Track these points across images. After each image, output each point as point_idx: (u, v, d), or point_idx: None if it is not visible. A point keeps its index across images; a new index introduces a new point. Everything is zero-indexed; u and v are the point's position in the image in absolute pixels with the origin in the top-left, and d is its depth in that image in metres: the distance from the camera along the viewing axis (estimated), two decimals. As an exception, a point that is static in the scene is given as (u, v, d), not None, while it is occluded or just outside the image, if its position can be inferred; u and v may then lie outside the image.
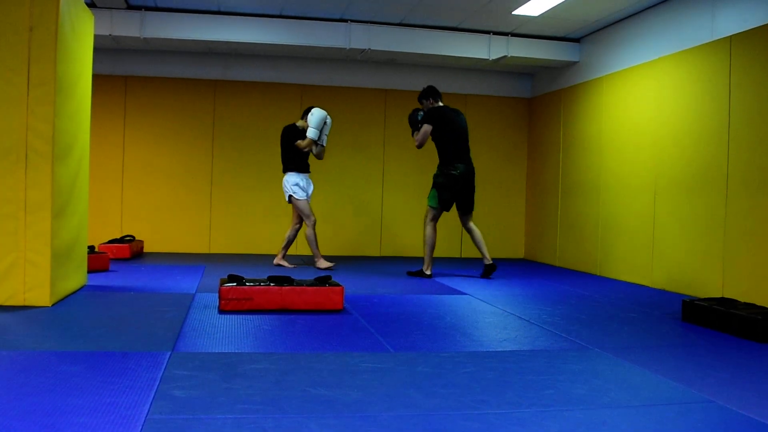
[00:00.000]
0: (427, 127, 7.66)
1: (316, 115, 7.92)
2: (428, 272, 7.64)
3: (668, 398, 3.22)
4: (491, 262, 7.72)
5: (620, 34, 8.21)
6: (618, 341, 4.50)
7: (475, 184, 7.83)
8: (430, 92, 7.89)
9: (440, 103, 7.85)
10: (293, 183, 8.03)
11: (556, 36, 9.10)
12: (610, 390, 3.31)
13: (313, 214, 8.23)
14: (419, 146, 7.79)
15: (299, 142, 7.95)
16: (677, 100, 7.09)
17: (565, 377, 3.52)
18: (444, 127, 7.64)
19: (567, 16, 8.17)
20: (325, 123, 8.01)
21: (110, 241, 8.61)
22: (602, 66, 8.58)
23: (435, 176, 7.74)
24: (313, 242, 8.12)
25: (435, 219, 7.77)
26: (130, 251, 8.43)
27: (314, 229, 8.12)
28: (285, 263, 8.25)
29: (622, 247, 7.95)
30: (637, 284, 7.56)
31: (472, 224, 7.84)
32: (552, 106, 9.76)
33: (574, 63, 9.23)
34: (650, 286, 7.39)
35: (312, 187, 8.30)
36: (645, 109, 7.63)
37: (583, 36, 9.04)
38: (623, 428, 2.77)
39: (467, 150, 7.74)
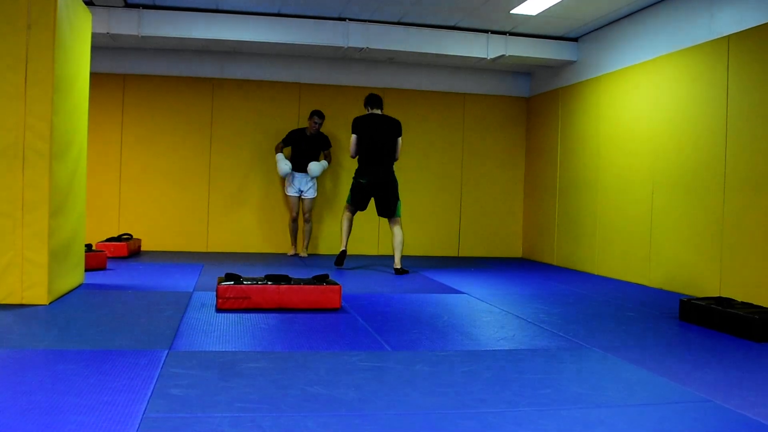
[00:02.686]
0: (353, 137, 7.96)
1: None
2: (343, 247, 8.05)
3: (665, 397, 3.22)
4: (399, 267, 7.80)
5: (618, 34, 8.22)
6: (615, 340, 4.50)
7: (396, 188, 8.02)
8: (366, 100, 8.17)
9: (372, 111, 8.09)
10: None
11: (554, 35, 9.11)
12: (608, 389, 3.32)
13: (293, 210, 9.29)
14: (352, 156, 8.05)
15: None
16: (675, 100, 7.09)
17: (562, 376, 3.52)
18: (360, 135, 7.92)
19: (565, 16, 8.17)
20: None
21: (108, 240, 8.60)
22: (600, 65, 8.58)
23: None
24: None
25: (350, 211, 8.14)
26: (127, 250, 8.42)
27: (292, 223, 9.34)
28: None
29: (620, 246, 7.95)
30: (635, 283, 7.57)
31: (394, 228, 7.96)
32: (550, 106, 9.77)
33: (572, 62, 9.23)
34: (648, 285, 7.39)
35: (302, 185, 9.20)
36: (643, 108, 7.63)
37: (581, 35, 9.04)
38: (621, 427, 2.77)
39: (380, 160, 7.87)
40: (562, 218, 9.34)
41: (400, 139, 8.00)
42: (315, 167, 9.12)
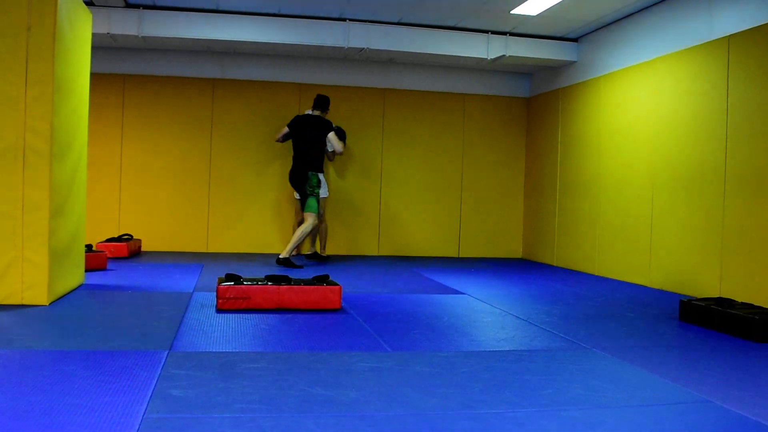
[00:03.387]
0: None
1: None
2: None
3: (666, 398, 3.22)
4: (281, 257, 8.03)
5: (618, 34, 8.22)
6: (615, 341, 4.50)
7: (299, 185, 8.35)
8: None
9: (311, 111, 8.60)
10: None
11: (554, 35, 9.11)
12: (608, 390, 3.31)
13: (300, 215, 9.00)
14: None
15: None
16: (675, 100, 7.10)
17: (562, 377, 3.52)
18: (290, 131, 8.55)
19: (565, 16, 8.17)
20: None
21: (108, 240, 8.61)
22: (600, 66, 8.59)
23: None
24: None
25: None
26: (127, 250, 8.43)
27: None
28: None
29: (620, 246, 7.96)
30: (635, 284, 7.57)
31: (304, 221, 8.38)
32: (550, 106, 9.77)
33: (573, 63, 9.23)
34: (648, 285, 7.39)
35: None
36: (643, 108, 7.63)
37: (581, 36, 9.04)
38: (621, 428, 2.77)
39: (298, 158, 8.39)
40: (562, 219, 9.34)
41: (330, 134, 8.30)
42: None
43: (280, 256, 7.99)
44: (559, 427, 2.74)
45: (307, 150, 8.29)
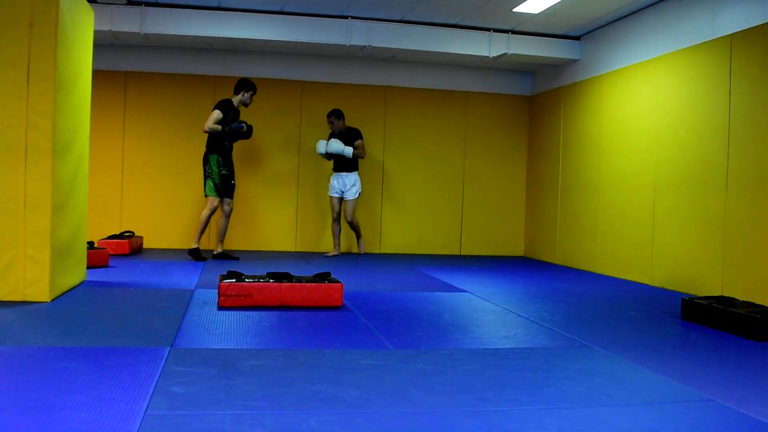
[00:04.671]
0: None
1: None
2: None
3: (667, 396, 3.22)
4: (221, 251, 8.39)
5: (621, 32, 8.21)
6: (617, 339, 4.50)
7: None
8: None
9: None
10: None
11: (556, 33, 9.10)
12: (610, 388, 3.31)
13: (333, 211, 9.26)
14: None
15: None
16: (677, 98, 7.09)
17: (564, 375, 3.52)
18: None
19: (568, 14, 8.17)
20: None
21: (110, 237, 8.61)
22: (603, 64, 8.58)
23: None
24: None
25: None
26: (129, 247, 8.44)
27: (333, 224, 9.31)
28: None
29: (622, 245, 7.95)
30: (637, 282, 7.56)
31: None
32: (552, 104, 9.76)
33: (575, 61, 9.23)
34: (650, 284, 7.39)
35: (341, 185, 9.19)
36: (645, 107, 7.63)
37: (583, 34, 9.04)
38: (622, 426, 2.77)
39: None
40: (564, 217, 9.34)
41: (213, 111, 8.20)
42: (333, 142, 8.96)
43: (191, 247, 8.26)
44: (560, 426, 2.73)
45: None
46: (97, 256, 7.04)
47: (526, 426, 2.71)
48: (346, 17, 8.75)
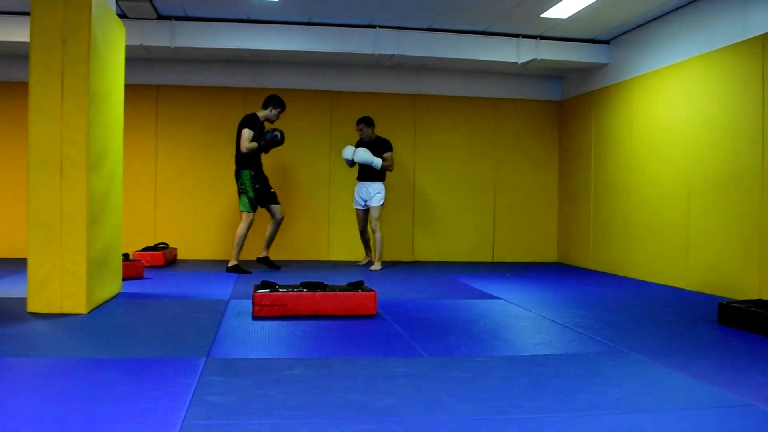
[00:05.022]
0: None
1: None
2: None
3: (705, 402, 3.18)
4: (228, 266, 8.23)
5: (650, 35, 8.15)
6: (653, 344, 4.46)
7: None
8: None
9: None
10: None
11: (585, 38, 9.06)
12: (646, 394, 3.28)
13: (359, 224, 9.08)
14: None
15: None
16: (709, 101, 7.02)
17: (600, 381, 3.49)
18: None
19: (596, 18, 8.13)
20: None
21: (144, 249, 8.70)
22: (632, 67, 8.52)
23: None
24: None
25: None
26: (164, 259, 8.51)
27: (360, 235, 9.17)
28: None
29: (656, 249, 7.88)
30: (672, 286, 7.49)
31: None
32: (582, 109, 9.71)
33: (604, 65, 9.17)
34: (685, 288, 7.31)
35: (364, 194, 8.93)
36: (676, 110, 7.56)
37: (612, 38, 8.99)
38: (660, 432, 2.75)
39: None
40: (597, 222, 9.28)
41: (243, 131, 8.16)
42: (361, 152, 8.70)
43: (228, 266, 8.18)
44: (597, 432, 2.72)
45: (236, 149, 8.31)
46: (132, 268, 7.11)
47: (563, 433, 2.70)
48: (374, 26, 8.78)
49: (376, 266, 8.75)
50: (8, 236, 9.19)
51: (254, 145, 8.13)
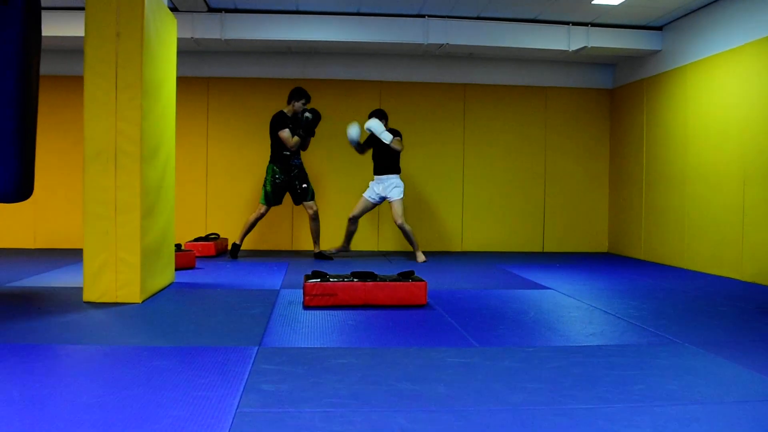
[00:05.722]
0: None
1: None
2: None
3: (763, 394, 3.13)
4: (318, 251, 8.60)
5: (704, 20, 8.00)
6: (708, 336, 4.39)
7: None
8: None
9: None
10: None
11: (637, 25, 8.92)
12: (702, 386, 3.23)
13: (356, 210, 8.79)
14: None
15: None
16: (766, 87, 6.86)
17: (654, 372, 3.45)
18: None
19: (648, 4, 8.00)
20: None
21: (196, 239, 8.80)
22: (686, 54, 8.37)
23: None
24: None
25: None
26: (215, 249, 8.61)
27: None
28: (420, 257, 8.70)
29: (710, 239, 7.74)
30: (726, 277, 7.36)
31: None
32: (635, 97, 9.57)
33: (657, 52, 9.03)
34: (740, 279, 7.18)
35: (381, 188, 8.69)
36: (731, 96, 7.41)
37: (665, 24, 8.83)
38: (716, 425, 2.70)
39: None
40: (648, 212, 9.15)
41: (280, 133, 8.31)
42: (373, 121, 8.43)
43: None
44: (652, 424, 2.68)
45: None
46: (184, 258, 7.20)
47: (618, 424, 2.67)
48: (422, 16, 8.75)
49: (421, 257, 8.61)
50: (63, 228, 9.37)
51: (297, 139, 8.31)
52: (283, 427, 2.57)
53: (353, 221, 8.81)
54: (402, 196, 8.60)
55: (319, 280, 5.18)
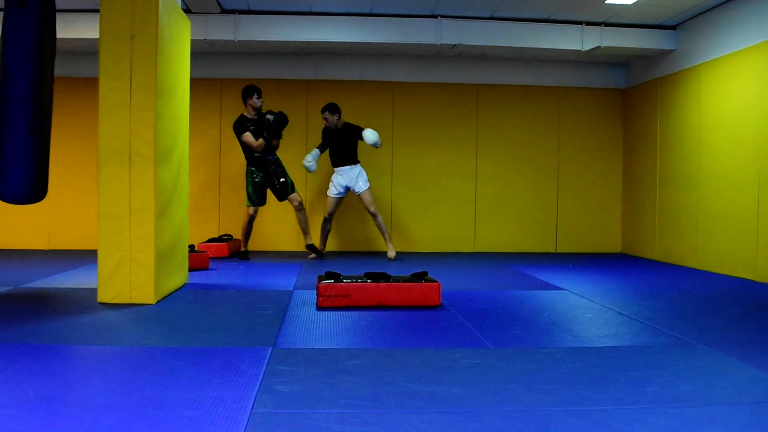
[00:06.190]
0: None
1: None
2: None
3: (779, 395, 3.11)
4: (310, 243, 8.76)
5: (718, 19, 7.96)
6: (723, 337, 4.36)
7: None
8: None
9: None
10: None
11: (651, 24, 8.88)
12: (717, 387, 3.22)
13: (328, 209, 8.94)
14: None
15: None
16: (781, 87, 6.83)
17: (668, 373, 3.44)
18: None
19: (662, 3, 7.97)
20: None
21: (209, 240, 8.83)
22: (700, 53, 8.34)
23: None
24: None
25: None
26: (228, 250, 8.63)
27: (325, 223, 9.02)
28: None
29: (725, 239, 7.71)
30: (741, 278, 7.32)
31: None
32: (648, 97, 9.54)
33: (671, 51, 8.99)
34: (755, 279, 7.14)
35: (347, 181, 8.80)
36: (747, 96, 7.37)
37: (679, 23, 8.80)
38: (733, 426, 2.69)
39: None
40: (662, 212, 9.11)
41: (242, 137, 8.43)
42: (369, 133, 8.65)
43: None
44: (667, 425, 2.68)
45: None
46: (197, 259, 7.22)
47: (632, 425, 2.66)
48: (435, 17, 8.74)
49: (392, 253, 8.75)
50: (77, 229, 9.41)
51: (262, 141, 8.39)
52: (298, 429, 2.57)
53: (327, 221, 8.97)
54: (369, 184, 8.81)
55: (332, 281, 5.18)
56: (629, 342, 4.22)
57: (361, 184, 8.73)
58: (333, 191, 8.85)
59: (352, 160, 8.80)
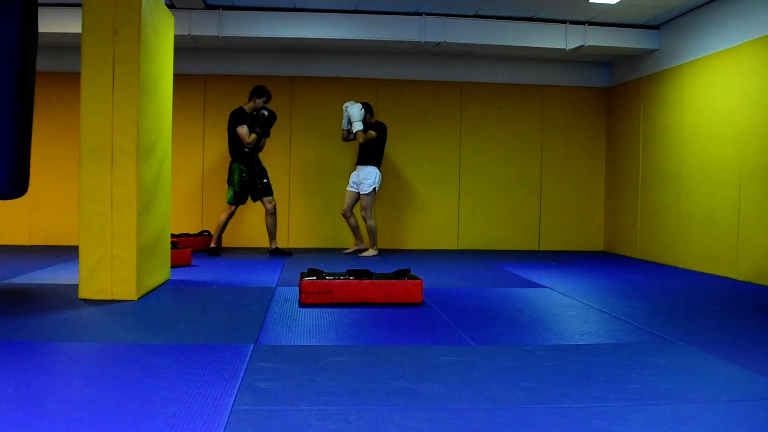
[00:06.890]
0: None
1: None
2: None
3: (758, 393, 3.13)
4: (275, 247, 8.73)
5: (702, 19, 8.00)
6: (704, 335, 4.40)
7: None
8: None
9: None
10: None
11: (634, 23, 8.92)
12: (697, 384, 3.24)
13: (344, 205, 8.94)
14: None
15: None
16: (763, 87, 6.87)
17: (649, 371, 3.45)
18: None
19: (646, 3, 8.00)
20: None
21: (182, 235, 8.74)
22: (683, 53, 8.38)
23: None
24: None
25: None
26: (204, 246, 8.68)
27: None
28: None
29: (706, 238, 7.76)
30: (722, 276, 7.37)
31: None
32: (631, 96, 9.58)
33: (654, 51, 9.04)
34: (735, 278, 7.19)
35: (357, 178, 8.85)
36: (729, 96, 7.42)
37: (662, 23, 8.84)
38: (712, 423, 2.71)
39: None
40: (644, 211, 9.16)
41: (238, 128, 8.34)
42: (354, 107, 8.64)
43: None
44: (647, 422, 2.69)
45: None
46: (180, 256, 7.19)
47: (612, 422, 2.68)
48: (420, 14, 8.74)
49: (370, 252, 8.82)
50: (59, 225, 9.36)
51: (254, 136, 8.36)
52: (279, 425, 2.57)
53: (347, 215, 8.94)
54: (370, 190, 8.74)
55: (315, 278, 5.18)
56: (610, 340, 4.24)
57: (363, 186, 8.75)
58: (350, 186, 8.93)
59: (367, 160, 8.76)
